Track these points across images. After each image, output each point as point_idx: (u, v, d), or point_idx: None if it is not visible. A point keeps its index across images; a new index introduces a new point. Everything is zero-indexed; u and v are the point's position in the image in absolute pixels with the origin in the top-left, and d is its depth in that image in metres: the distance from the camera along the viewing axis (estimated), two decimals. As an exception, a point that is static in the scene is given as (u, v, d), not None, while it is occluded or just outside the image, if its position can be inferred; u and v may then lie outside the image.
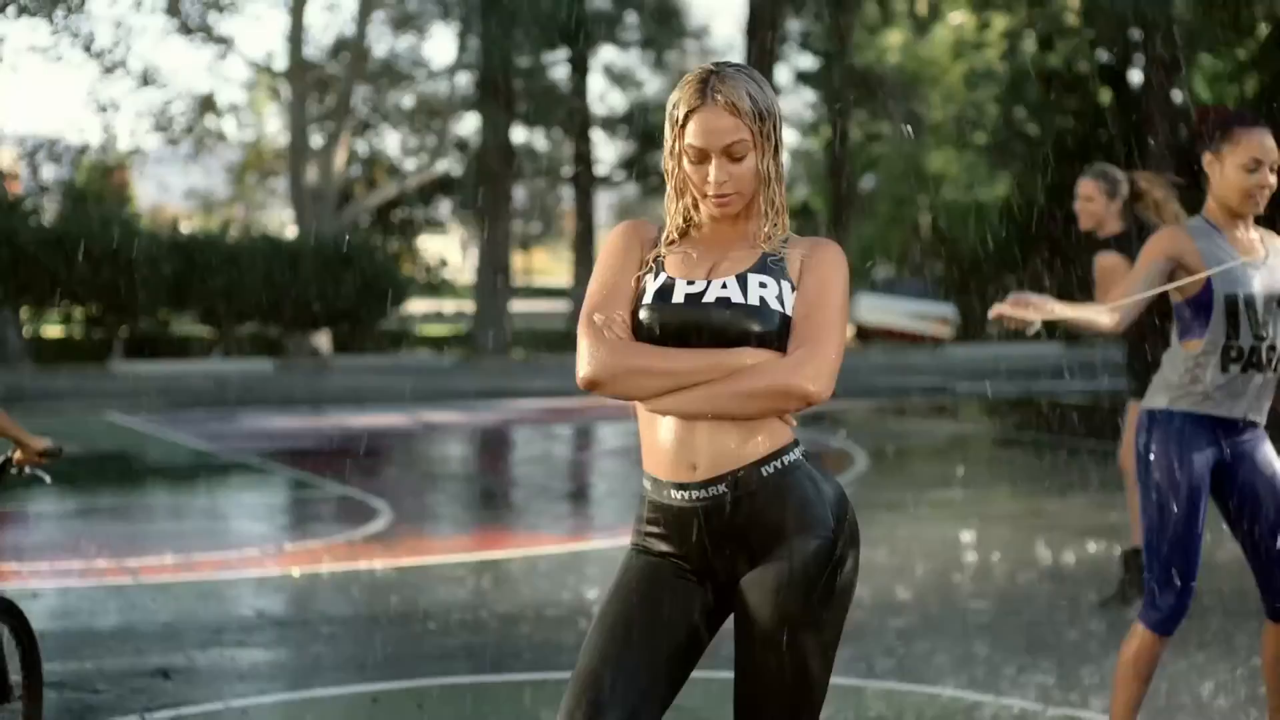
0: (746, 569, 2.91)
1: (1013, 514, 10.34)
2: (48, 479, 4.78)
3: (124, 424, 16.28)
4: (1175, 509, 4.38)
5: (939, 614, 7.03)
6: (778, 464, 2.89)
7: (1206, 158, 4.47)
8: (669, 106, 3.00)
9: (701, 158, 2.94)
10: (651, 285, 2.96)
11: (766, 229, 3.00)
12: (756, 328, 2.87)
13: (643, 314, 2.93)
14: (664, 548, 2.96)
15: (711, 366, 2.85)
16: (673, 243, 3.04)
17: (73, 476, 11.11)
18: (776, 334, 2.88)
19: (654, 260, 3.01)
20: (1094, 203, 6.83)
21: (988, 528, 9.57)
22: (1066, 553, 8.50)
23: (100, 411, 17.36)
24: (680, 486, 2.90)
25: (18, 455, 4.54)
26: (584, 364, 2.90)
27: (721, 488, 2.88)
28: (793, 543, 2.86)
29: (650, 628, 2.90)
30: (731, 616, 2.96)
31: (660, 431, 2.92)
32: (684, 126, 2.95)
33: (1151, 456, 4.45)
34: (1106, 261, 6.69)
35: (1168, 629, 4.43)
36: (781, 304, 2.90)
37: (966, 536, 9.17)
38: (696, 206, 3.03)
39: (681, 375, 2.86)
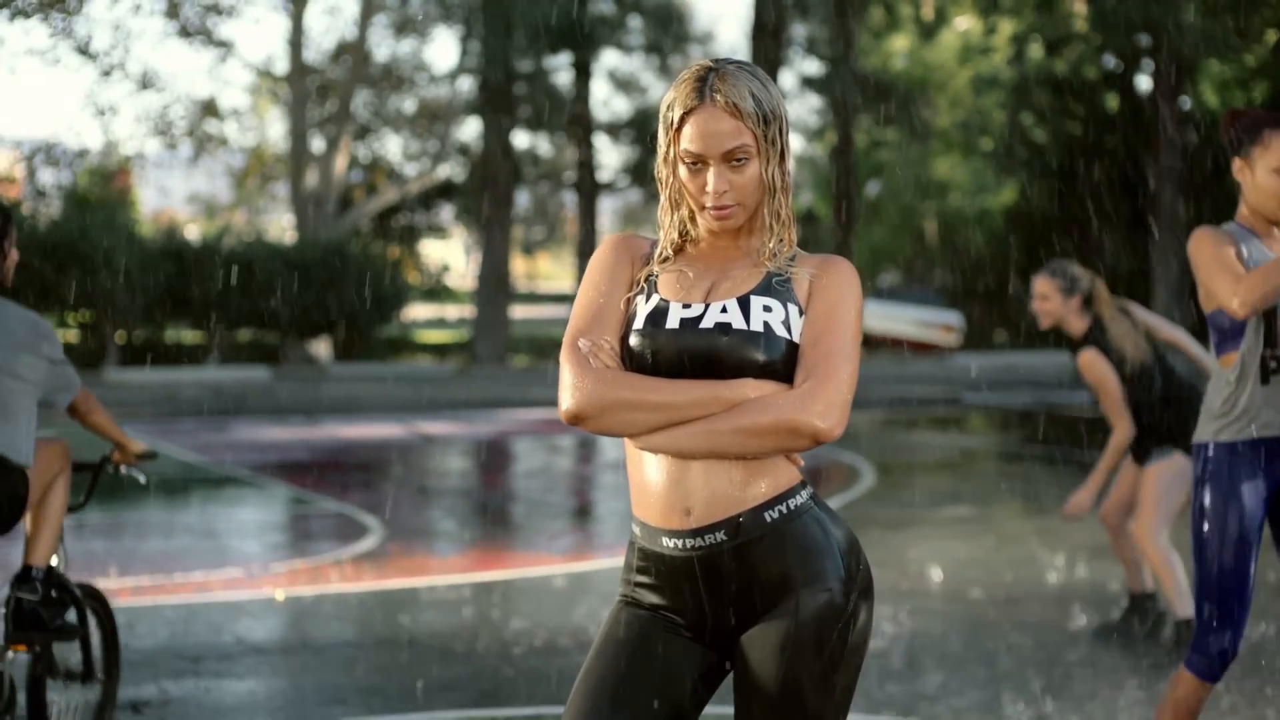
0: (748, 624, 2.62)
1: (1025, 532, 10.03)
2: (143, 479, 5.22)
3: (115, 434, 15.98)
4: (1225, 553, 4.11)
5: (947, 640, 6.70)
6: (783, 508, 2.59)
7: (1237, 164, 4.19)
8: (663, 107, 2.68)
9: (699, 164, 2.63)
10: (643, 308, 2.65)
11: (771, 245, 2.69)
12: (760, 356, 2.56)
13: (633, 340, 2.63)
14: (655, 600, 2.67)
15: (710, 400, 2.55)
16: (667, 260, 2.73)
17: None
18: (782, 363, 2.58)
19: (646, 279, 2.71)
20: (1049, 301, 6.54)
21: (1000, 547, 9.27)
22: (1081, 574, 8.19)
23: (92, 421, 17.07)
24: (673, 534, 2.60)
25: (116, 455, 5.04)
26: (567, 396, 2.60)
27: (719, 535, 2.58)
28: (800, 596, 2.58)
29: (640, 690, 2.62)
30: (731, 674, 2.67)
31: (651, 472, 2.62)
32: (679, 130, 2.64)
33: (1202, 496, 4.17)
34: (1090, 363, 6.39)
35: (1216, 675, 4.15)
36: (787, 329, 2.59)
37: (978, 556, 8.86)
38: (693, 219, 2.72)
39: (676, 409, 2.55)
